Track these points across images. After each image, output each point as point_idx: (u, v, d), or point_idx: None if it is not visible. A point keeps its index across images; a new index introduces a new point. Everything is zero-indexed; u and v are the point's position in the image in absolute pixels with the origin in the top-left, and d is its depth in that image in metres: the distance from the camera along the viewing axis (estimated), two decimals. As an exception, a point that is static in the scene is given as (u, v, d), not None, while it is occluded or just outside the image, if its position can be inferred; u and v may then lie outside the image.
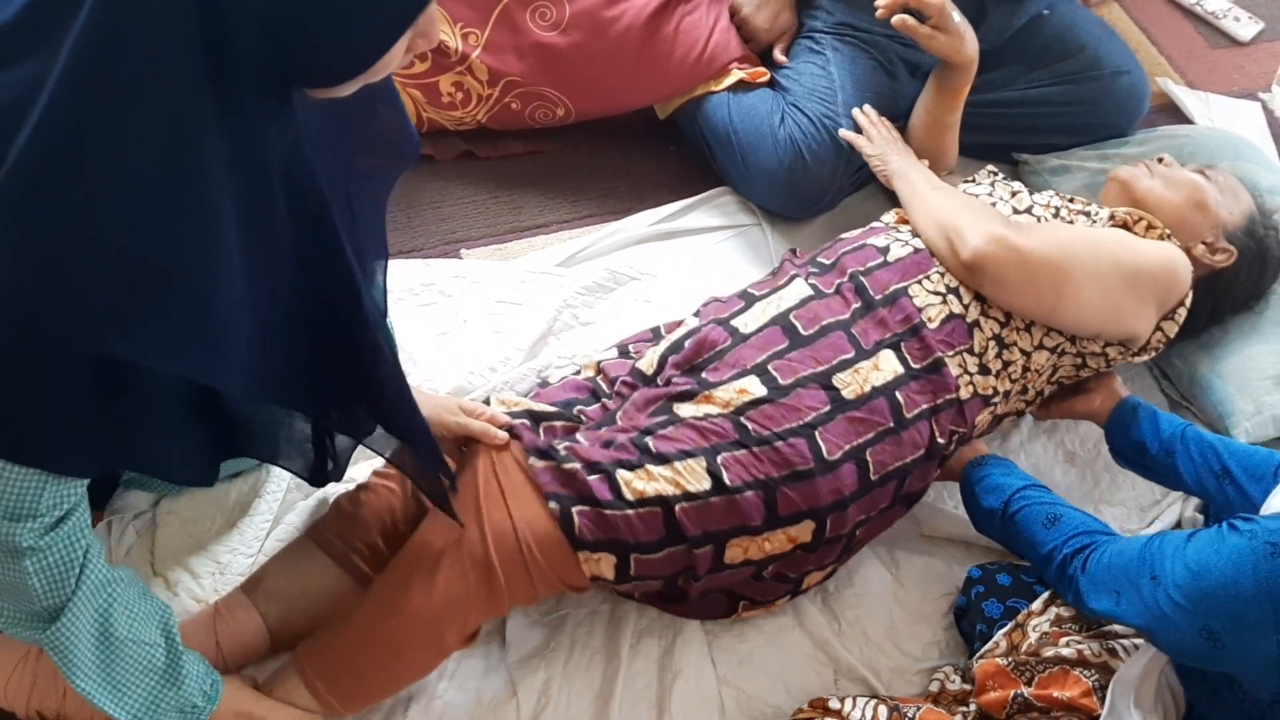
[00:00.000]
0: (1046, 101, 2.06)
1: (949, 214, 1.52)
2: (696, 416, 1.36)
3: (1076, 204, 1.67)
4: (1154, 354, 1.61)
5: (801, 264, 1.59)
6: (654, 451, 1.32)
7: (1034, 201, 1.66)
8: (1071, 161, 2.06)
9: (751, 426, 1.35)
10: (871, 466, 1.39)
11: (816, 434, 1.36)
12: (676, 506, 1.31)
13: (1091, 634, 1.38)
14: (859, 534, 1.45)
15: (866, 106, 1.87)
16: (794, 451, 1.35)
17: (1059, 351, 1.55)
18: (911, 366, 1.44)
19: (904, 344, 1.45)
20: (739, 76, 1.98)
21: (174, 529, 1.47)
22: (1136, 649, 1.35)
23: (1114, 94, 2.08)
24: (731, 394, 1.38)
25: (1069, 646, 1.35)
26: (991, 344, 1.49)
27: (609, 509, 1.29)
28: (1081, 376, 1.62)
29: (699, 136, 2.03)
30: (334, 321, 1.07)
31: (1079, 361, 1.58)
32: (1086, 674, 1.33)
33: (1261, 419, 1.77)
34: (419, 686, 1.39)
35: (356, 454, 1.36)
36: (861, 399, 1.40)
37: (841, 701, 1.37)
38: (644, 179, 2.06)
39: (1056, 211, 1.64)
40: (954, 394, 1.45)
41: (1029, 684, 1.33)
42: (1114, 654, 1.35)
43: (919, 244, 1.54)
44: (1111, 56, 2.08)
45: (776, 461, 1.34)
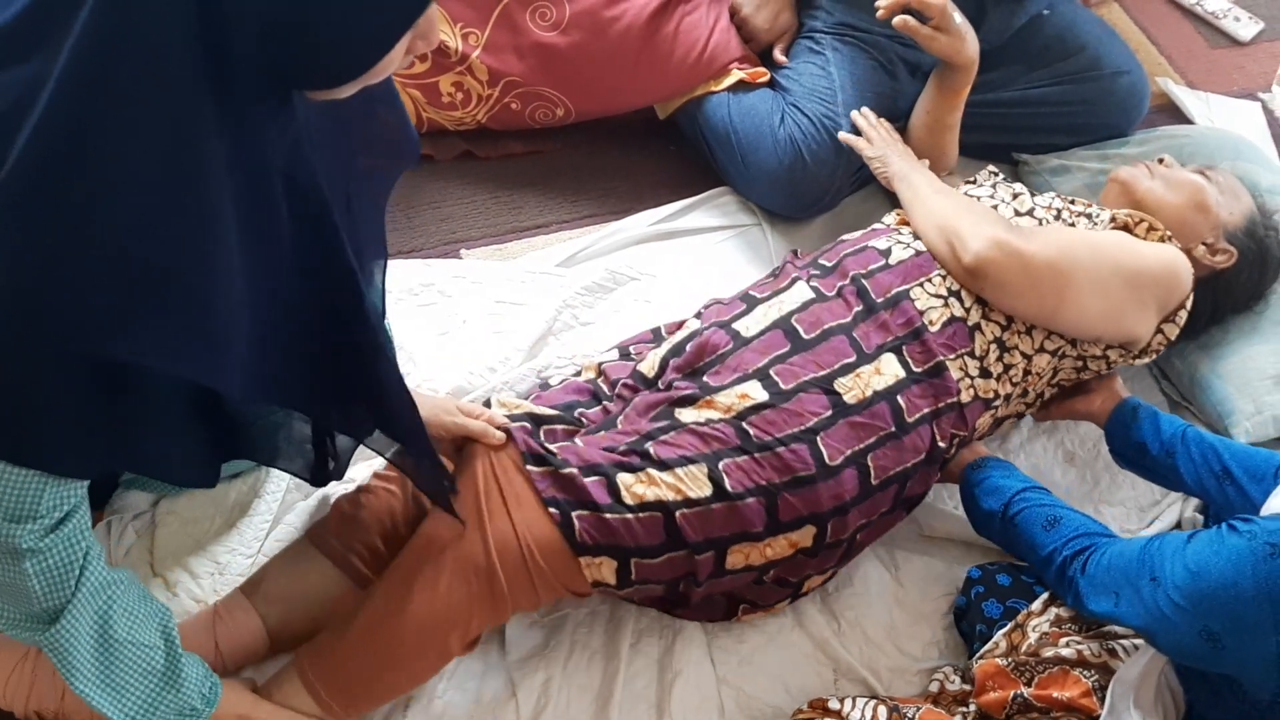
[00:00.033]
0: (1046, 101, 2.06)
1: (950, 217, 1.52)
2: (698, 422, 1.36)
3: (1078, 205, 1.67)
4: (1154, 356, 1.61)
5: (803, 266, 1.58)
6: (655, 457, 1.32)
7: (1035, 203, 1.66)
8: (1071, 161, 2.06)
9: (753, 432, 1.35)
10: (873, 471, 1.39)
11: (818, 439, 1.36)
12: (677, 512, 1.30)
13: (1091, 634, 1.38)
14: (859, 538, 1.45)
15: (865, 109, 1.87)
16: (795, 457, 1.34)
17: (1060, 354, 1.55)
18: (913, 370, 1.44)
19: (905, 347, 1.44)
20: (739, 76, 1.98)
21: (173, 529, 1.47)
22: (1136, 649, 1.35)
23: (1114, 94, 2.08)
24: (733, 399, 1.38)
25: (1069, 647, 1.35)
26: (993, 347, 1.49)
27: (609, 513, 1.29)
28: (1082, 379, 1.62)
29: (699, 136, 2.03)
30: (335, 321, 1.06)
31: (1080, 364, 1.58)
32: (1086, 674, 1.32)
33: (1261, 419, 1.77)
34: (418, 687, 1.38)
35: (357, 454, 1.36)
36: (863, 403, 1.40)
37: (841, 702, 1.37)
38: (644, 179, 2.06)
39: (1058, 213, 1.64)
40: (955, 397, 1.45)
41: (1029, 684, 1.33)
42: (1114, 654, 1.35)
43: (921, 246, 1.54)
44: (1111, 56, 2.08)
45: (778, 467, 1.34)
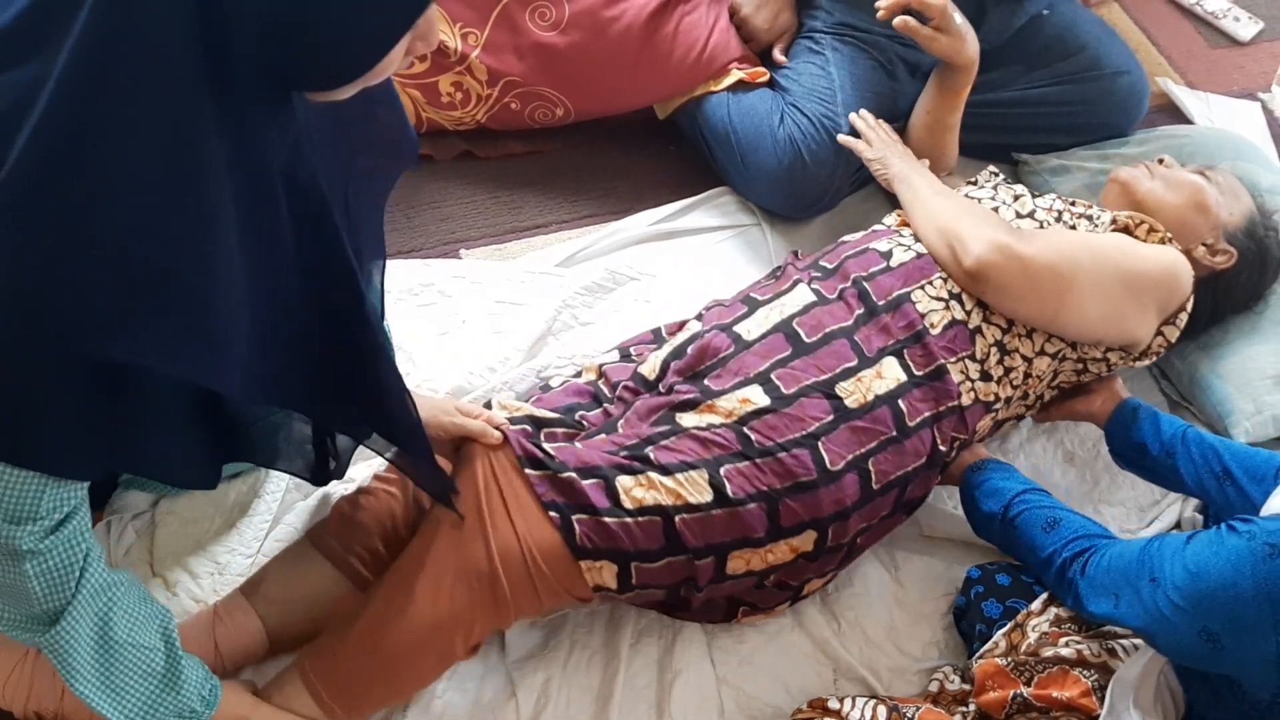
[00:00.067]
0: (1046, 101, 2.06)
1: (951, 220, 1.52)
2: (699, 426, 1.36)
3: (1079, 207, 1.66)
4: (1155, 358, 1.61)
5: (804, 268, 1.58)
6: (655, 462, 1.32)
7: (1037, 205, 1.65)
8: (1071, 161, 2.06)
9: (754, 437, 1.35)
10: (874, 476, 1.39)
11: (819, 444, 1.36)
12: (677, 517, 1.30)
13: (1091, 634, 1.38)
14: (860, 541, 1.46)
15: (863, 110, 1.86)
16: (797, 463, 1.34)
17: (1060, 357, 1.55)
18: (914, 373, 1.43)
19: (907, 351, 1.44)
20: (738, 76, 1.98)
21: (173, 529, 1.47)
22: (1136, 649, 1.35)
23: (1114, 94, 2.08)
24: (734, 403, 1.38)
25: (1068, 646, 1.35)
26: (993, 350, 1.49)
27: (608, 517, 1.29)
28: (1082, 381, 1.62)
29: (698, 136, 2.03)
30: (334, 322, 1.07)
31: (1080, 367, 1.58)
32: (1086, 674, 1.33)
33: (1261, 419, 1.77)
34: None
35: (357, 454, 1.36)
36: (864, 408, 1.39)
37: (841, 701, 1.37)
38: (644, 179, 2.06)
39: (1059, 215, 1.63)
40: (956, 401, 1.45)
41: (1028, 684, 1.33)
42: (1113, 654, 1.35)
43: (922, 248, 1.54)
44: (1111, 56, 2.08)
45: (779, 473, 1.34)
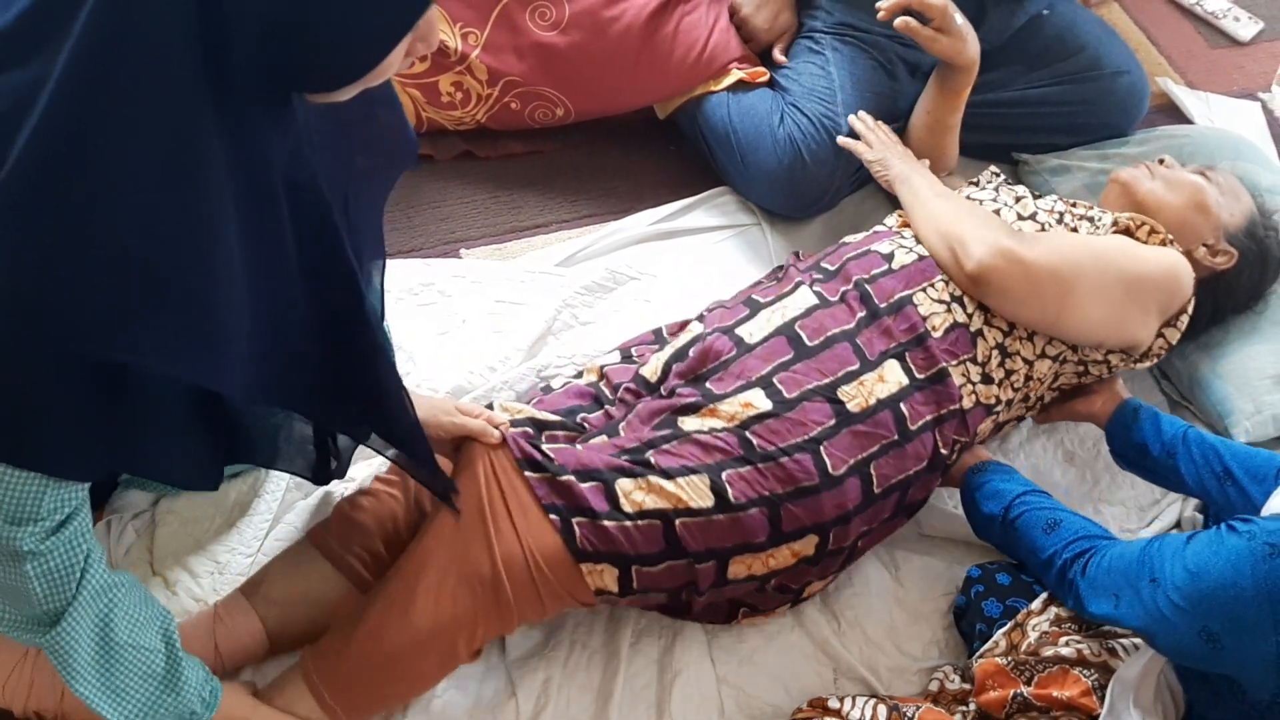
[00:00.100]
0: (1046, 101, 2.06)
1: (952, 223, 1.51)
2: (701, 431, 1.36)
3: (1080, 208, 1.66)
4: (1156, 360, 1.61)
5: (805, 269, 1.58)
6: (657, 466, 1.32)
7: (1038, 207, 1.65)
8: (1071, 161, 2.06)
9: (757, 442, 1.35)
10: (875, 480, 1.39)
11: (822, 449, 1.36)
12: (677, 521, 1.30)
13: (1091, 634, 1.38)
14: (861, 544, 1.46)
15: (862, 113, 1.86)
16: (799, 467, 1.34)
17: (1061, 360, 1.55)
18: (916, 377, 1.43)
19: (908, 354, 1.44)
20: (738, 76, 1.98)
21: (173, 528, 1.47)
22: (1136, 649, 1.35)
23: (1114, 94, 2.08)
24: (737, 407, 1.38)
25: (1068, 646, 1.35)
26: (994, 353, 1.49)
27: (607, 520, 1.29)
28: (1083, 383, 1.62)
29: (698, 136, 2.03)
30: (335, 322, 1.07)
31: (1081, 369, 1.59)
32: (1086, 673, 1.33)
33: (1261, 418, 1.77)
34: (420, 691, 1.39)
35: (357, 453, 1.36)
36: (866, 412, 1.39)
37: (841, 701, 1.37)
38: (644, 179, 2.06)
39: (1060, 217, 1.63)
40: (957, 404, 1.45)
41: (1028, 683, 1.33)
42: (1113, 653, 1.35)
43: (923, 251, 1.54)
44: (1111, 56, 2.08)
45: (781, 478, 1.34)
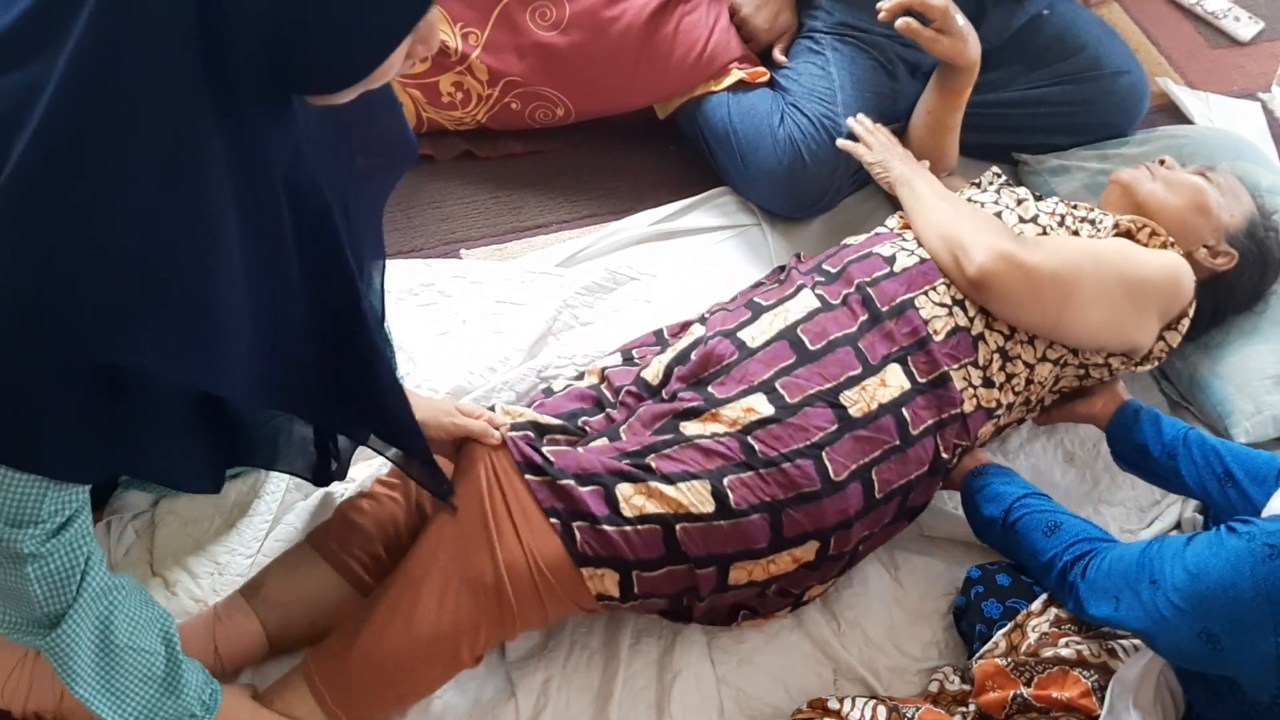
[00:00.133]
0: (1046, 101, 2.06)
1: (954, 227, 1.51)
2: (703, 435, 1.36)
3: (1081, 211, 1.66)
4: (1156, 363, 1.61)
5: (807, 271, 1.58)
6: (658, 471, 1.32)
7: (1039, 210, 1.65)
8: (1071, 161, 2.06)
9: (759, 447, 1.35)
10: (876, 485, 1.39)
11: (824, 454, 1.36)
12: (677, 526, 1.30)
13: (1091, 634, 1.38)
14: (862, 549, 1.46)
15: (860, 115, 1.86)
16: (801, 473, 1.34)
17: (1062, 363, 1.55)
18: (918, 381, 1.43)
19: (910, 358, 1.44)
20: (739, 76, 1.98)
21: (173, 529, 1.47)
22: (1136, 650, 1.35)
23: (1114, 94, 2.08)
24: (739, 412, 1.37)
25: (1068, 647, 1.35)
26: (996, 357, 1.49)
27: (606, 525, 1.29)
28: (1084, 386, 1.62)
29: (699, 136, 2.03)
30: (334, 323, 1.07)
31: (1082, 372, 1.59)
32: (1086, 674, 1.33)
33: (1261, 419, 1.77)
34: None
35: (357, 453, 1.36)
36: (869, 417, 1.39)
37: (840, 702, 1.37)
38: (644, 179, 2.06)
39: (1062, 219, 1.63)
40: (958, 408, 1.45)
41: (1028, 684, 1.33)
42: (1113, 654, 1.35)
43: (925, 253, 1.54)
44: (1111, 56, 2.08)
45: (783, 483, 1.34)
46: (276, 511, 1.50)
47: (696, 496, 1.31)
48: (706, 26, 1.98)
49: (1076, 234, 1.61)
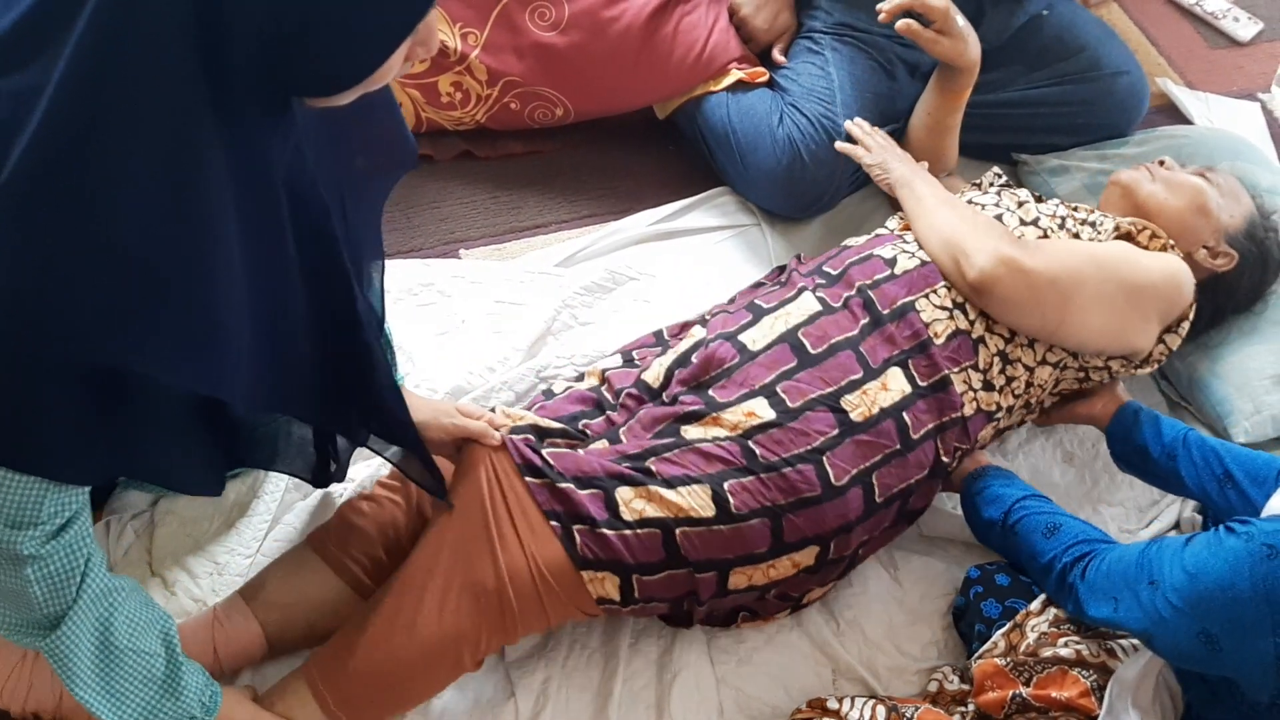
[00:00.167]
0: (1046, 102, 2.06)
1: (954, 231, 1.51)
2: (704, 439, 1.36)
3: (1081, 213, 1.66)
4: (1156, 366, 1.61)
5: (808, 273, 1.57)
6: (658, 475, 1.32)
7: (1040, 212, 1.65)
8: (1071, 162, 2.06)
9: (760, 452, 1.34)
10: (877, 489, 1.39)
11: (824, 459, 1.36)
12: (677, 530, 1.30)
13: (1090, 634, 1.38)
14: (861, 552, 1.46)
15: (858, 118, 1.86)
16: (801, 478, 1.34)
17: (1062, 366, 1.55)
18: (919, 385, 1.43)
19: (911, 361, 1.44)
20: (738, 76, 1.98)
21: (172, 529, 1.47)
22: (1135, 649, 1.35)
23: (1113, 94, 2.08)
24: (740, 416, 1.37)
25: (1067, 647, 1.35)
26: (996, 360, 1.49)
27: (606, 528, 1.29)
28: (1084, 388, 1.62)
29: (698, 136, 2.03)
30: (332, 324, 1.07)
31: (1082, 375, 1.59)
32: (1085, 674, 1.33)
33: (1260, 419, 1.77)
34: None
35: (356, 454, 1.36)
36: (870, 421, 1.39)
37: (840, 701, 1.37)
38: (644, 179, 2.06)
39: (1062, 222, 1.63)
40: (959, 412, 1.45)
41: (1027, 684, 1.33)
42: (1112, 654, 1.36)
43: (925, 255, 1.54)
44: (1111, 57, 2.08)
45: (784, 488, 1.34)
46: (276, 511, 1.50)
47: (697, 501, 1.31)
48: (706, 27, 1.98)
49: (1077, 237, 1.60)
